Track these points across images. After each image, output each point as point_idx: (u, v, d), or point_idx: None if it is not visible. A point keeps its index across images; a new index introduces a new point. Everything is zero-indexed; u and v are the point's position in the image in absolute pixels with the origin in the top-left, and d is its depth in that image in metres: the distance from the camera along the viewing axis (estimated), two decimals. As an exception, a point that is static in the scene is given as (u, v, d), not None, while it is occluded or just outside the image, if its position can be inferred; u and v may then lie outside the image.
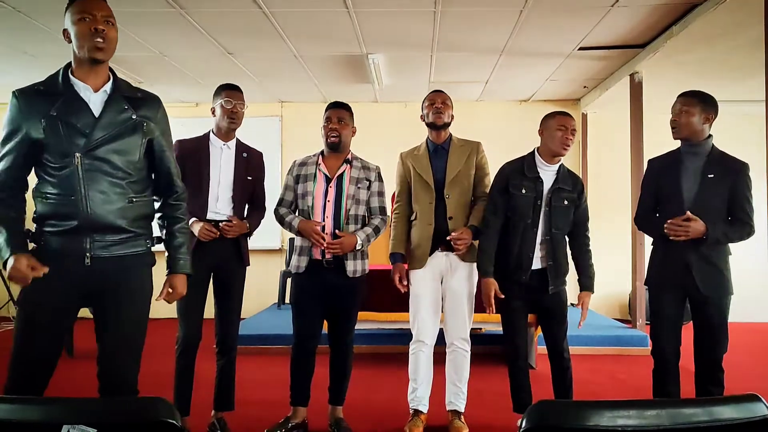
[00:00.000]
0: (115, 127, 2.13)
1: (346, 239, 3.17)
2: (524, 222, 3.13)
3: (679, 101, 3.04)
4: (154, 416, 1.05)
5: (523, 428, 1.03)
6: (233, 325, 3.31)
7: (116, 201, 2.14)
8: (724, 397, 1.13)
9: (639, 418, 1.05)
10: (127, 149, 2.16)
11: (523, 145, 3.57)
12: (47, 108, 2.07)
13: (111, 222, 2.13)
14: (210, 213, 3.17)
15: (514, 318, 3.23)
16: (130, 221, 2.18)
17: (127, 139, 2.16)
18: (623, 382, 4.62)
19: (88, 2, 2.12)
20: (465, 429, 3.36)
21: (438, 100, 3.42)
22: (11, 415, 1.06)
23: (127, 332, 2.21)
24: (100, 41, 2.09)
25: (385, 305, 4.65)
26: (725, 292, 2.96)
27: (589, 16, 4.82)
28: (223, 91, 3.25)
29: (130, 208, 2.18)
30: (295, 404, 3.37)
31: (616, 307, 7.68)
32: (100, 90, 2.15)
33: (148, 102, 2.25)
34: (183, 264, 2.38)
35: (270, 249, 7.51)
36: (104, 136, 2.11)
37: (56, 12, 4.71)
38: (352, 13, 4.77)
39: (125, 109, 2.16)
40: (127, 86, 2.25)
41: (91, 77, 2.15)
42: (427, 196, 3.37)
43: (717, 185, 2.95)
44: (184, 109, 7.71)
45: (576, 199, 3.17)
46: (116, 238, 2.16)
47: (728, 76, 6.14)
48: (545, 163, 3.17)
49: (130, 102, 2.18)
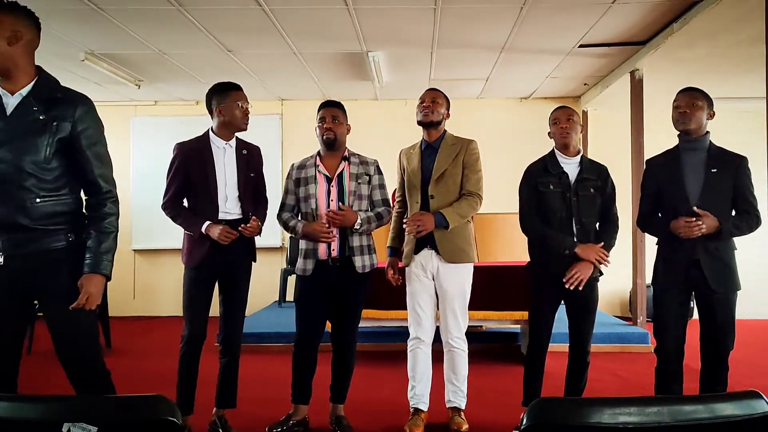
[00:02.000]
0: (19, 128, 2.16)
1: (348, 212, 3.19)
2: (558, 216, 3.17)
3: (687, 95, 3.02)
4: (154, 414, 1.05)
5: (524, 425, 1.03)
6: (238, 324, 3.30)
7: (19, 201, 2.16)
8: (724, 393, 1.13)
9: (640, 415, 1.04)
10: (31, 150, 2.16)
11: (524, 142, 3.59)
12: None
13: (14, 221, 2.15)
14: (221, 214, 3.16)
15: (544, 311, 3.25)
16: (37, 220, 2.19)
17: (32, 139, 2.17)
18: (624, 379, 4.62)
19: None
20: (465, 425, 3.35)
21: (427, 99, 3.39)
22: (12, 413, 1.06)
23: (66, 319, 2.24)
24: None
25: (386, 303, 4.65)
26: (733, 288, 2.97)
27: (590, 13, 4.81)
28: (231, 92, 3.21)
29: (35, 208, 2.18)
30: (297, 402, 3.38)
31: (617, 304, 7.69)
32: (16, 93, 2.20)
33: (66, 102, 2.25)
34: (90, 263, 2.26)
35: (271, 247, 7.50)
36: (6, 138, 2.14)
37: (54, 10, 4.72)
38: (352, 11, 4.77)
39: (34, 111, 2.19)
40: (51, 87, 2.27)
41: (10, 83, 2.20)
42: (415, 195, 3.38)
43: (721, 180, 2.95)
44: (184, 108, 7.71)
45: (602, 186, 3.21)
46: (25, 236, 2.18)
47: (729, 73, 6.14)
48: (565, 157, 3.24)
49: (43, 103, 2.20)
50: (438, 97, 3.40)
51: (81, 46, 5.63)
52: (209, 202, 3.14)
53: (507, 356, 5.10)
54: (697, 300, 3.04)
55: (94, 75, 6.51)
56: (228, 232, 3.07)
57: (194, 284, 3.15)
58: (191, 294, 3.16)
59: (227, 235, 3.06)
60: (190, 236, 3.16)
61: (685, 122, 2.99)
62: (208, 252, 3.10)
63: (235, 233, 3.09)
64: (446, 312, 3.38)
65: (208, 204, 3.14)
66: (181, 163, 3.18)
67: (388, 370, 4.77)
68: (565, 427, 1.03)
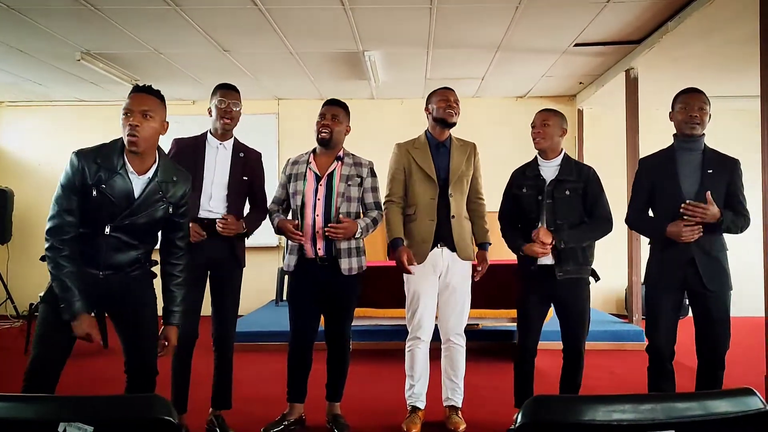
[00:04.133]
0: (145, 208, 2.45)
1: (349, 223, 3.17)
2: (530, 218, 3.19)
3: (694, 97, 2.99)
4: (150, 413, 1.05)
5: (519, 423, 1.03)
6: (230, 324, 3.30)
7: (128, 256, 2.50)
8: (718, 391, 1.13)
9: (634, 413, 1.05)
10: (148, 223, 2.48)
11: (520, 141, 3.59)
12: (102, 179, 2.37)
13: (120, 266, 2.49)
14: (203, 211, 3.16)
15: (530, 314, 3.25)
16: (135, 267, 2.55)
17: (151, 215, 2.48)
18: (619, 377, 4.63)
19: (131, 97, 2.45)
20: (462, 424, 3.37)
21: (452, 98, 3.42)
22: (7, 413, 1.06)
23: (143, 328, 2.58)
24: (134, 135, 2.38)
25: (383, 301, 4.65)
26: (728, 287, 2.98)
27: (585, 12, 4.82)
28: (218, 90, 3.24)
29: (137, 260, 2.54)
30: (292, 401, 3.38)
31: (612, 302, 7.71)
32: (143, 175, 2.46)
33: (179, 184, 2.56)
34: (176, 317, 2.65)
35: (267, 246, 7.52)
36: (135, 215, 2.43)
37: (49, 10, 4.71)
38: (348, 10, 4.77)
39: (158, 193, 2.49)
40: (167, 169, 2.54)
41: (137, 161, 2.45)
42: (428, 191, 3.36)
43: (716, 180, 2.96)
44: (180, 107, 7.71)
45: (581, 188, 3.18)
46: (119, 271, 2.50)
47: (724, 71, 6.15)
48: (544, 160, 3.26)
49: (164, 186, 2.50)
50: (457, 98, 3.48)
51: (77, 46, 5.61)
52: (192, 197, 3.14)
53: (503, 354, 5.10)
54: (691, 299, 3.03)
55: (90, 74, 6.50)
56: (196, 231, 3.07)
57: None
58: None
59: (194, 234, 3.05)
60: None
61: (695, 127, 2.98)
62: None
63: (203, 233, 3.09)
64: (451, 309, 3.39)
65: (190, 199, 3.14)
66: (173, 156, 3.19)
67: (385, 368, 4.77)
68: (559, 425, 1.03)
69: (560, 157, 3.25)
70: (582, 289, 3.20)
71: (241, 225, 3.20)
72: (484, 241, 3.47)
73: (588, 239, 3.18)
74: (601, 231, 3.19)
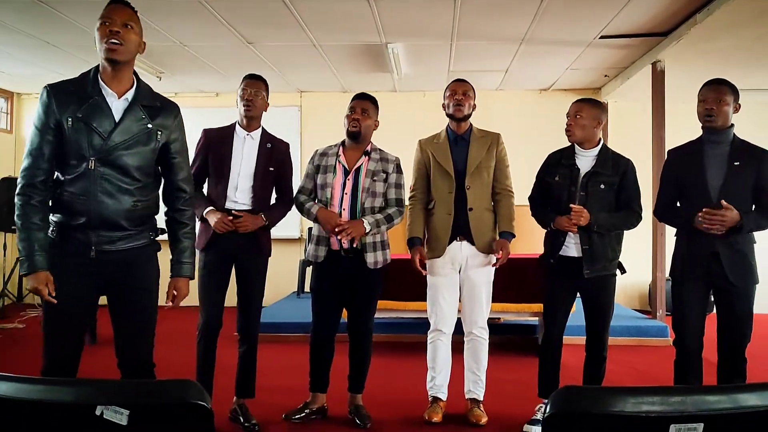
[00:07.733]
0: (130, 134, 2.25)
1: (352, 224, 3.17)
2: (562, 208, 3.17)
3: (713, 89, 2.96)
4: (184, 398, 1.07)
5: (547, 413, 1.03)
6: (254, 314, 3.33)
7: (123, 204, 2.26)
8: (748, 384, 1.12)
9: (663, 405, 1.04)
10: (139, 157, 2.28)
11: (544, 134, 3.57)
12: (75, 108, 2.17)
13: (115, 221, 2.26)
14: (229, 202, 3.20)
15: (555, 303, 3.26)
16: (133, 222, 2.31)
17: (141, 148, 2.28)
18: (643, 372, 4.59)
19: (110, 8, 2.23)
20: (484, 417, 3.37)
21: (459, 91, 3.39)
22: (46, 395, 1.09)
23: (139, 314, 2.38)
24: (114, 42, 2.17)
25: (404, 294, 4.66)
26: (752, 281, 2.94)
27: (611, 4, 4.76)
28: (243, 80, 3.29)
29: (134, 211, 2.29)
30: (314, 390, 3.42)
31: (635, 297, 7.63)
32: (122, 97, 2.26)
33: (165, 110, 2.37)
34: (186, 269, 2.48)
35: (290, 238, 7.54)
36: (119, 143, 2.23)
37: (78, 3, 4.77)
38: (372, 2, 4.76)
39: (142, 118, 2.28)
40: (148, 93, 2.35)
41: (115, 82, 2.25)
42: (446, 185, 3.36)
43: (743, 173, 2.92)
44: (205, 99, 7.75)
45: (617, 182, 3.16)
46: (119, 234, 2.29)
47: (752, 65, 6.04)
48: (581, 150, 3.23)
49: (148, 111, 2.30)
50: (468, 89, 3.42)
51: (103, 38, 5.66)
52: (219, 187, 3.19)
53: (525, 348, 5.10)
54: (715, 293, 3.01)
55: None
56: (225, 223, 3.09)
57: (205, 268, 3.20)
58: (203, 279, 3.20)
59: (223, 225, 3.09)
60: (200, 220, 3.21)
61: (711, 120, 2.94)
62: (213, 237, 3.13)
63: (231, 226, 3.11)
64: (472, 301, 3.39)
65: (217, 189, 3.20)
66: (203, 146, 3.26)
67: (406, 361, 4.79)
68: (588, 415, 1.03)
69: (598, 148, 3.22)
70: (609, 281, 3.20)
71: (261, 219, 3.21)
72: (504, 230, 3.39)
73: (617, 229, 3.20)
74: (630, 223, 3.19)
